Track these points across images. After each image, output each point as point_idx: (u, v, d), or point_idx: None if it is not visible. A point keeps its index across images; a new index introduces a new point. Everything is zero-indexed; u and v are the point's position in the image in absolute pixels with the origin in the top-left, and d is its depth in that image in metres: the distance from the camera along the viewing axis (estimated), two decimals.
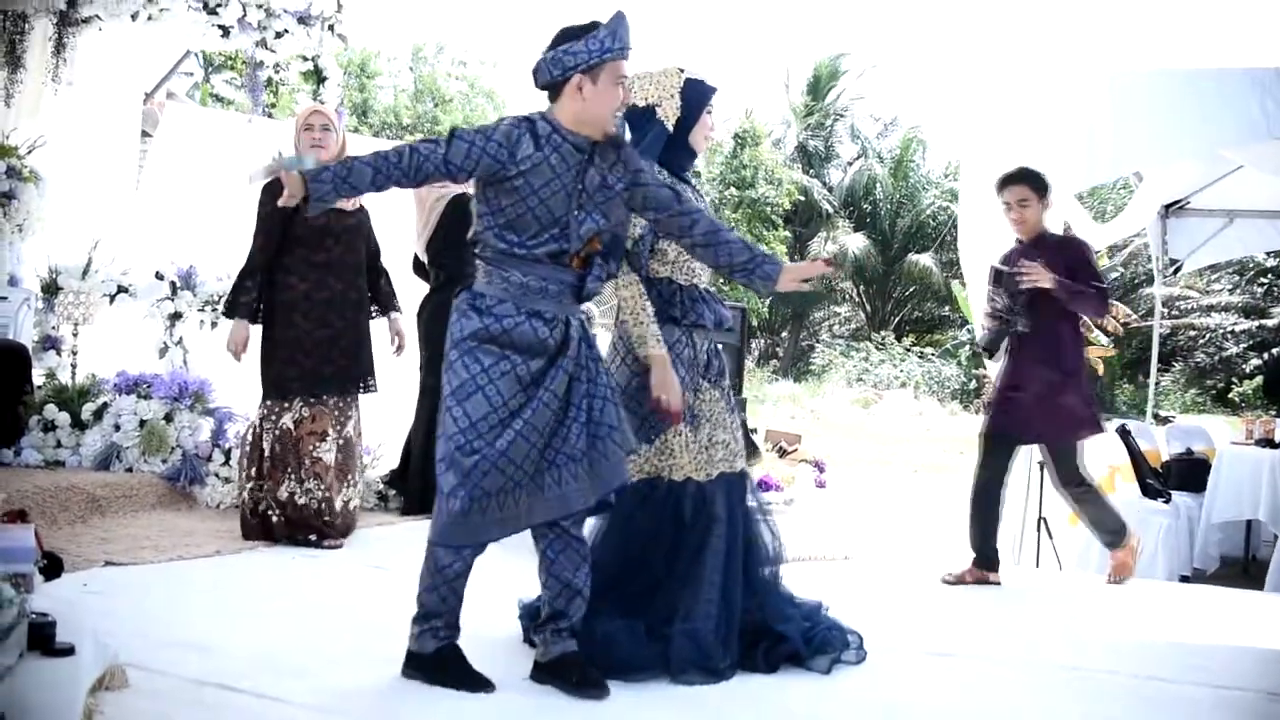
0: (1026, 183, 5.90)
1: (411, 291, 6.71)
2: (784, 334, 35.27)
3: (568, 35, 3.65)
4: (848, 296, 35.20)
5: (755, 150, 32.12)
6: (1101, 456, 7.94)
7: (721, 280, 4.31)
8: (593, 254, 3.75)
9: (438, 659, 3.72)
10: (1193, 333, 27.62)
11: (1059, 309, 5.81)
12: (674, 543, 4.09)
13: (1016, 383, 5.97)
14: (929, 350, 30.42)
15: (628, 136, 4.27)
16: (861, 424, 22.55)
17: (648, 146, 4.16)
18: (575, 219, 3.66)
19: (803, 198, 32.86)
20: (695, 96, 4.24)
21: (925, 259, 31.67)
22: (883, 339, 30.97)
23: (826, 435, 18.81)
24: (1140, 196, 9.28)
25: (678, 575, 4.06)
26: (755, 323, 31.45)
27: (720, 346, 4.50)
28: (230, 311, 5.89)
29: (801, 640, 4.13)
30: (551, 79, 3.66)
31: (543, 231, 3.65)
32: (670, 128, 4.19)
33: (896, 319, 33.91)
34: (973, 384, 27.69)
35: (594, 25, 3.65)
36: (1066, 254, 5.89)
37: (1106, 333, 28.18)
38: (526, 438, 3.62)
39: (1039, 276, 5.72)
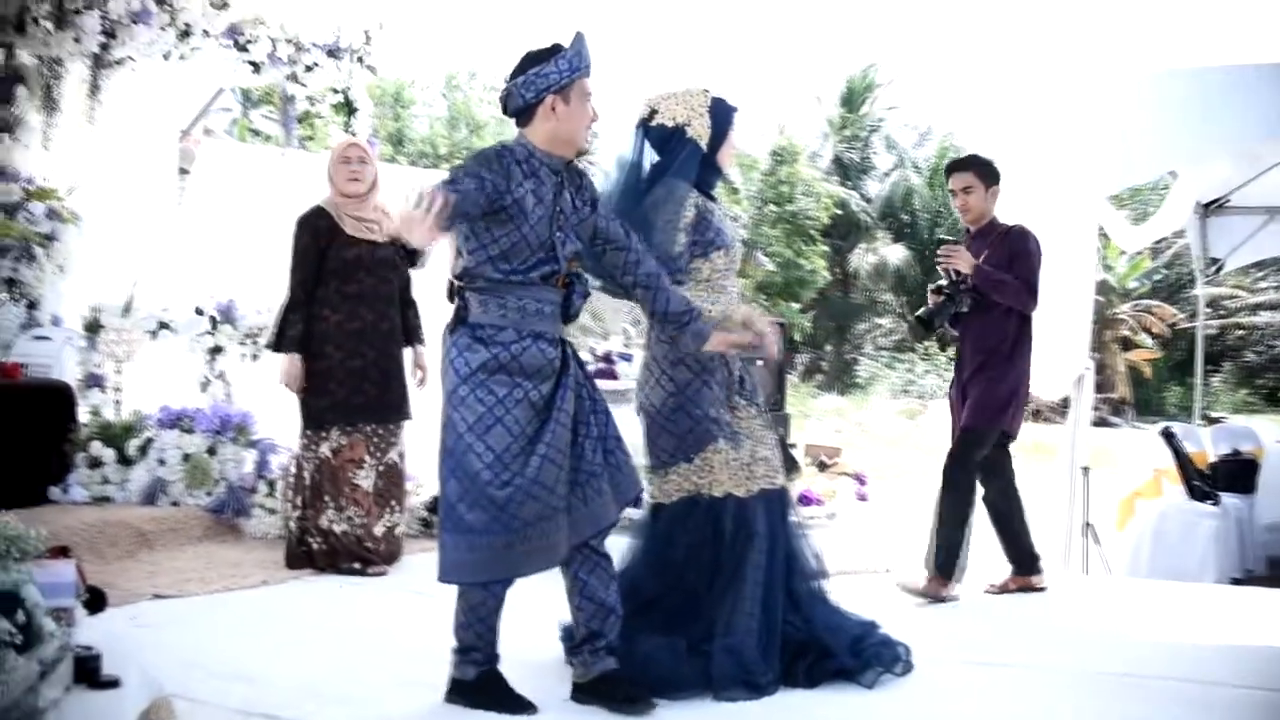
0: (972, 170, 5.82)
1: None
2: (828, 347, 35.17)
3: (534, 59, 3.70)
4: (890, 308, 35.06)
5: (793, 167, 32.10)
6: (1146, 460, 7.88)
7: (764, 297, 4.35)
8: (572, 274, 3.80)
9: (479, 684, 3.74)
10: (1241, 332, 27.35)
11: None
12: (714, 559, 4.09)
13: (958, 370, 5.93)
14: None
15: (654, 157, 4.30)
16: (908, 435, 22.40)
17: (682, 166, 4.20)
18: (559, 240, 3.71)
19: (840, 211, 32.79)
20: (722, 116, 4.29)
21: None
22: (926, 349, 30.80)
23: (872, 448, 18.71)
24: (1175, 196, 9.21)
25: (718, 591, 4.06)
26: (799, 337, 31.38)
27: (759, 362, 4.52)
28: (278, 346, 5.90)
29: (849, 654, 4.11)
30: (525, 102, 3.70)
31: (532, 255, 3.69)
32: (704, 146, 4.22)
33: (940, 329, 33.69)
34: None
35: (557, 48, 3.70)
36: (1009, 244, 5.74)
37: (1153, 335, 27.95)
38: (553, 461, 3.65)
39: (958, 260, 5.64)
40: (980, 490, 5.87)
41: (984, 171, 5.81)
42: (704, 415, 4.14)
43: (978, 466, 5.75)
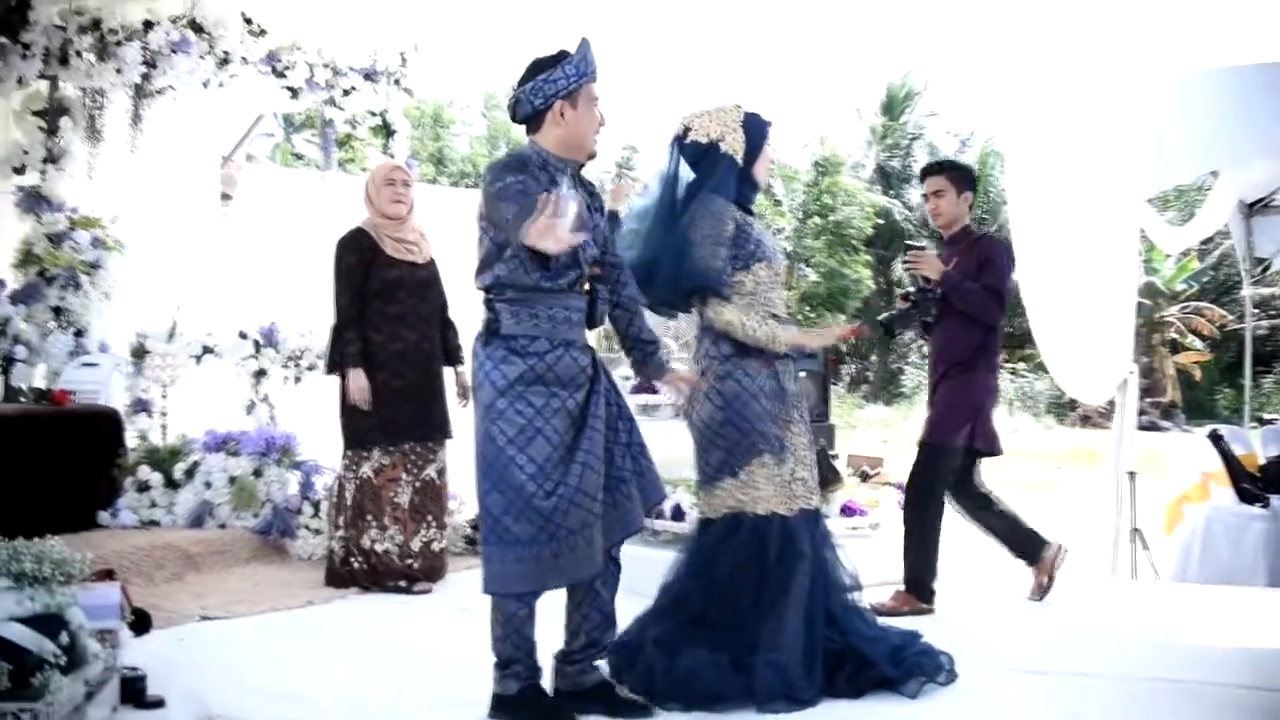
0: (944, 174, 5.74)
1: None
2: (873, 357, 35.00)
3: (540, 66, 3.74)
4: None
5: (835, 177, 32.04)
6: (1194, 463, 7.79)
7: (808, 308, 4.40)
8: (594, 279, 3.84)
9: (521, 699, 3.76)
10: None
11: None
12: (759, 577, 4.10)
13: (929, 380, 5.85)
14: (1020, 366, 29.97)
15: (690, 174, 4.33)
16: None
17: (721, 182, 4.25)
18: (581, 246, 3.70)
19: (882, 220, 32.67)
20: (756, 130, 4.32)
21: (1012, 275, 31.18)
22: None
23: None
24: (1216, 196, 9.11)
25: (764, 607, 4.05)
26: (844, 349, 31.26)
27: (803, 374, 4.53)
28: (340, 364, 5.90)
29: (890, 663, 4.09)
30: (533, 109, 3.74)
31: (559, 261, 3.70)
32: (739, 161, 4.24)
33: None
34: (1066, 397, 27.27)
35: (563, 54, 3.74)
36: (978, 252, 5.62)
37: (1202, 337, 27.57)
38: (593, 468, 3.70)
39: (925, 266, 5.54)
40: (958, 507, 5.79)
41: (956, 176, 5.72)
42: (751, 428, 4.16)
43: (946, 483, 5.63)
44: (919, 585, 5.49)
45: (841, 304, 31.15)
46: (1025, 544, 5.79)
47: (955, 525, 5.83)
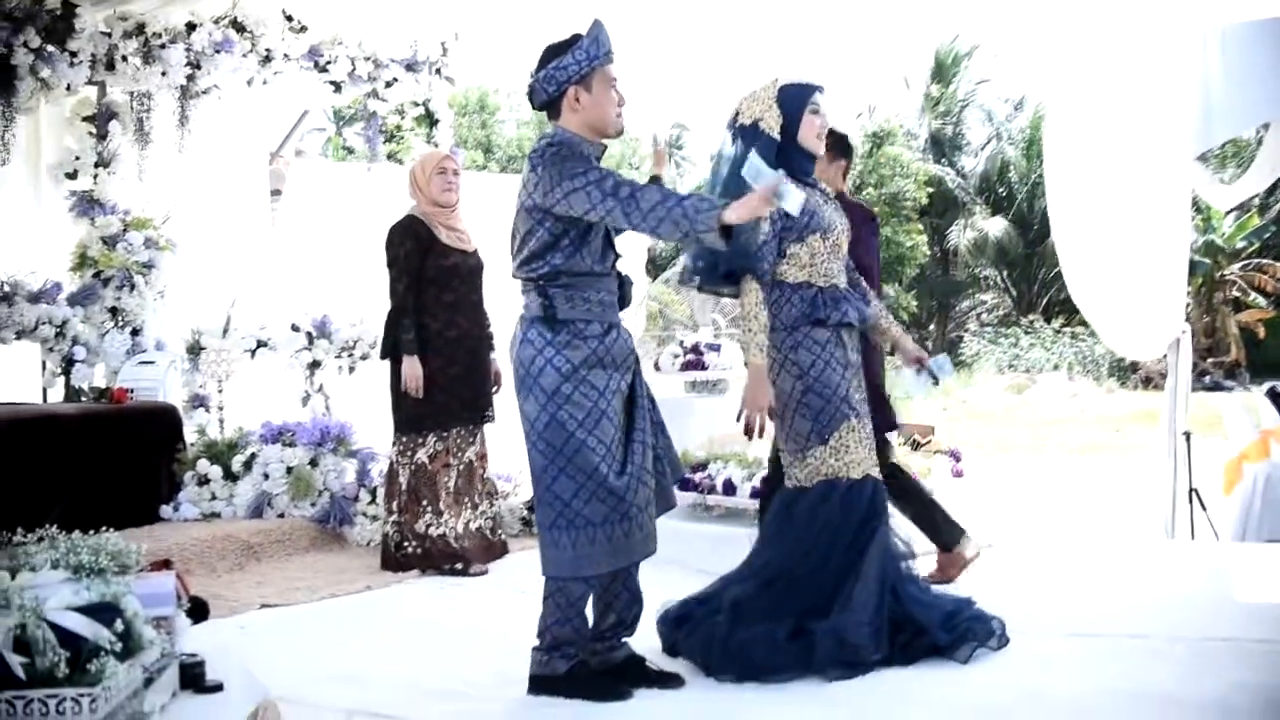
0: None
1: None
2: (931, 326, 34.79)
3: (553, 52, 3.76)
4: (992, 283, 34.57)
5: (888, 148, 31.85)
6: (1252, 421, 7.71)
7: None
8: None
9: (570, 677, 3.81)
10: None
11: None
12: (850, 540, 4.13)
13: None
14: (1080, 329, 29.67)
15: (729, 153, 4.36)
16: (1015, 410, 22.13)
17: (765, 159, 4.23)
18: (612, 228, 3.75)
19: (935, 188, 32.43)
20: (792, 100, 4.31)
21: (1055, 238, 30.82)
22: (1031, 323, 30.32)
23: (978, 425, 18.53)
24: (1268, 150, 8.97)
25: (838, 570, 4.09)
26: (906, 319, 31.12)
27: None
28: (395, 351, 5.96)
29: (943, 629, 4.11)
30: (548, 96, 3.77)
31: (602, 243, 3.75)
32: (776, 137, 4.26)
33: (1044, 301, 33.17)
34: (1127, 360, 26.96)
35: (576, 38, 3.75)
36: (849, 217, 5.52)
37: (1265, 294, 27.08)
38: (649, 446, 3.80)
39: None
40: None
41: (833, 145, 5.36)
42: (833, 394, 4.19)
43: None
44: (943, 541, 5.39)
45: (898, 273, 31.00)
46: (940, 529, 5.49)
47: (1006, 489, 5.81)
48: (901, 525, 4.43)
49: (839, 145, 5.50)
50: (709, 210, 3.51)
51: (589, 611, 3.92)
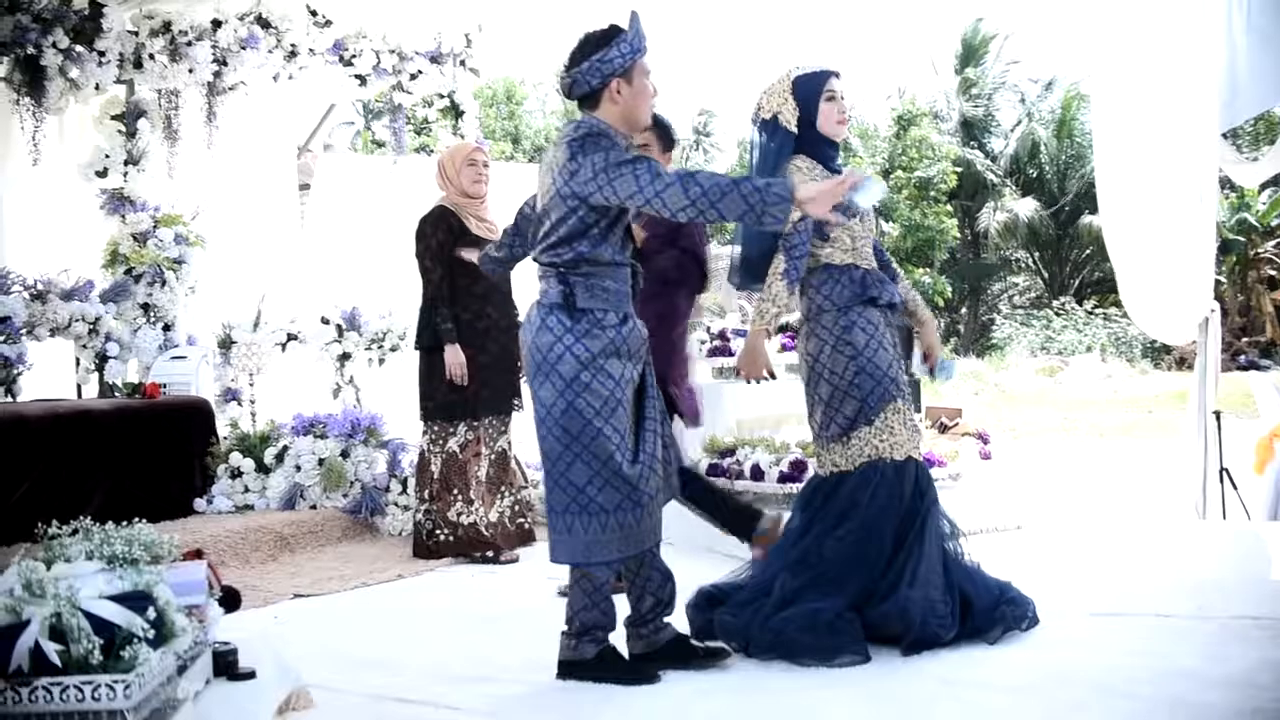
0: (647, 131, 5.45)
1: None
2: (962, 310, 34.64)
3: (595, 44, 3.76)
4: (1023, 265, 34.39)
5: (915, 130, 31.72)
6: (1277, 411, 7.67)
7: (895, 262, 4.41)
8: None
9: (599, 661, 3.84)
10: None
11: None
12: (899, 523, 4.14)
13: None
14: (1113, 311, 29.50)
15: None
16: (1047, 393, 22.05)
17: (781, 151, 4.31)
18: (662, 211, 3.75)
19: (962, 169, 32.27)
20: (806, 89, 4.34)
21: (1098, 219, 30.61)
22: (1063, 304, 30.16)
23: (1011, 408, 18.48)
24: None
25: (902, 550, 4.10)
26: (942, 303, 31.02)
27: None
28: (432, 340, 6.01)
29: (984, 612, 4.13)
30: (590, 88, 3.77)
31: (623, 234, 3.80)
32: (794, 130, 4.31)
33: (1076, 283, 32.98)
34: (1160, 341, 26.75)
35: (614, 30, 3.76)
36: None
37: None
38: (660, 435, 3.83)
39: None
40: None
41: (658, 134, 5.29)
42: (884, 375, 4.21)
43: None
44: (747, 530, 5.09)
45: (928, 255, 30.89)
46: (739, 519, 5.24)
47: (1052, 472, 5.80)
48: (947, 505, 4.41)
49: (666, 136, 5.36)
50: (781, 185, 3.54)
51: (625, 599, 3.96)
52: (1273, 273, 26.92)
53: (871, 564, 4.08)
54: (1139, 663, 3.79)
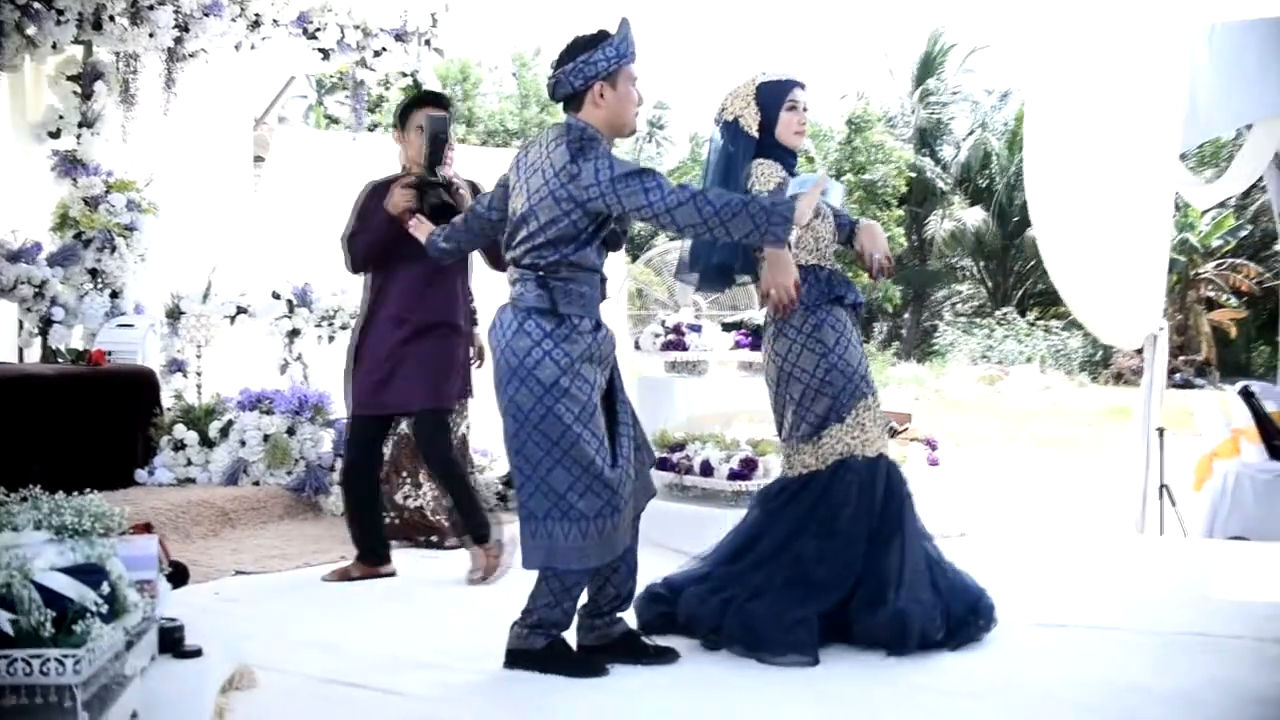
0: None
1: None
2: (905, 315, 34.92)
3: (582, 46, 3.75)
4: (968, 274, 34.72)
5: (868, 134, 31.91)
6: (1224, 419, 7.78)
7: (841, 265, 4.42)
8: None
9: (548, 652, 3.82)
10: None
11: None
12: (873, 520, 4.14)
13: None
14: (1054, 323, 29.88)
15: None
16: (987, 401, 22.28)
17: (740, 154, 4.34)
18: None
19: (915, 175, 32.51)
20: (770, 97, 4.37)
21: (1035, 227, 31.01)
22: (1005, 315, 30.49)
23: (951, 414, 18.63)
24: (1249, 150, 9.03)
25: (879, 553, 4.10)
26: (890, 309, 31.28)
27: None
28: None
29: (962, 617, 4.15)
30: (574, 90, 3.76)
31: (602, 240, 3.80)
32: (754, 134, 4.33)
33: (1019, 294, 33.35)
34: (1099, 355, 27.13)
35: (603, 35, 3.75)
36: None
37: (1239, 294, 27.27)
38: (632, 438, 3.84)
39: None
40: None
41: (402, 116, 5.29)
42: (854, 371, 4.23)
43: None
44: (477, 535, 5.26)
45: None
46: (473, 521, 5.35)
47: (999, 480, 5.85)
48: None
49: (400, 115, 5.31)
50: (786, 206, 3.59)
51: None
52: (1211, 294, 27.36)
53: (850, 562, 4.08)
54: (1086, 675, 3.83)
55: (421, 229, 4.48)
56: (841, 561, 4.08)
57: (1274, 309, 24.53)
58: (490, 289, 6.37)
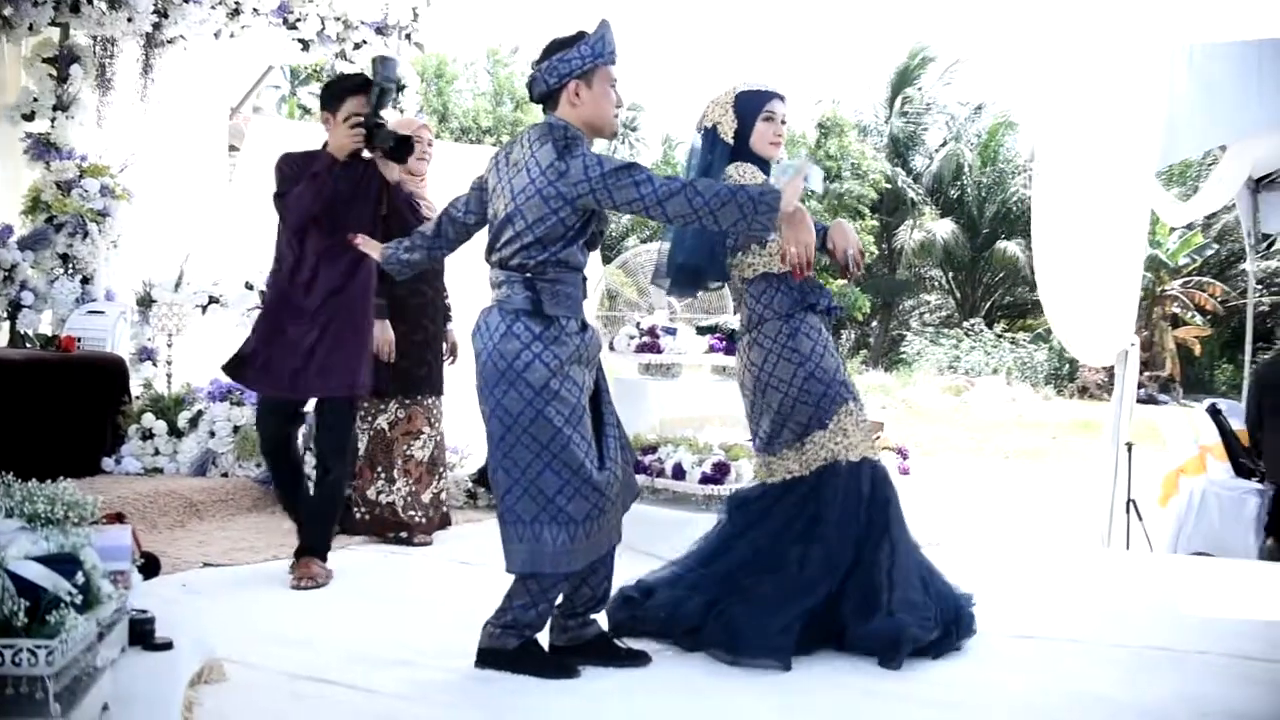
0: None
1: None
2: (874, 324, 35.04)
3: (558, 45, 3.76)
4: (937, 284, 34.89)
5: (841, 140, 32.00)
6: (1192, 436, 7.84)
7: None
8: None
9: (521, 652, 3.80)
10: None
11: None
12: (860, 525, 4.15)
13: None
14: (1020, 336, 30.07)
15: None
16: (954, 412, 22.37)
17: (716, 162, 4.36)
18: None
19: (888, 185, 32.65)
20: (747, 107, 4.41)
21: (1013, 245, 31.33)
22: (973, 326, 30.65)
23: (918, 424, 18.70)
24: (1223, 171, 9.13)
25: (870, 557, 4.12)
26: (860, 317, 31.39)
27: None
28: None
29: (947, 625, 4.18)
30: (548, 88, 3.76)
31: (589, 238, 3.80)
32: (730, 142, 4.36)
33: (987, 305, 33.55)
34: (1065, 368, 27.31)
35: (581, 35, 3.76)
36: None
37: (1204, 312, 27.52)
38: (617, 439, 3.84)
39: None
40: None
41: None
42: (832, 378, 4.24)
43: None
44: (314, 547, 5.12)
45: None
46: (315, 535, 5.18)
47: (966, 491, 5.87)
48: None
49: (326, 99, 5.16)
50: (772, 194, 3.60)
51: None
52: (1177, 310, 27.59)
53: (836, 563, 4.09)
54: (1056, 686, 3.85)
55: (370, 245, 4.38)
56: (827, 563, 4.09)
57: (1237, 328, 24.78)
58: (465, 287, 6.38)
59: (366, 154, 4.95)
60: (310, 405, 5.29)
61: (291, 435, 5.26)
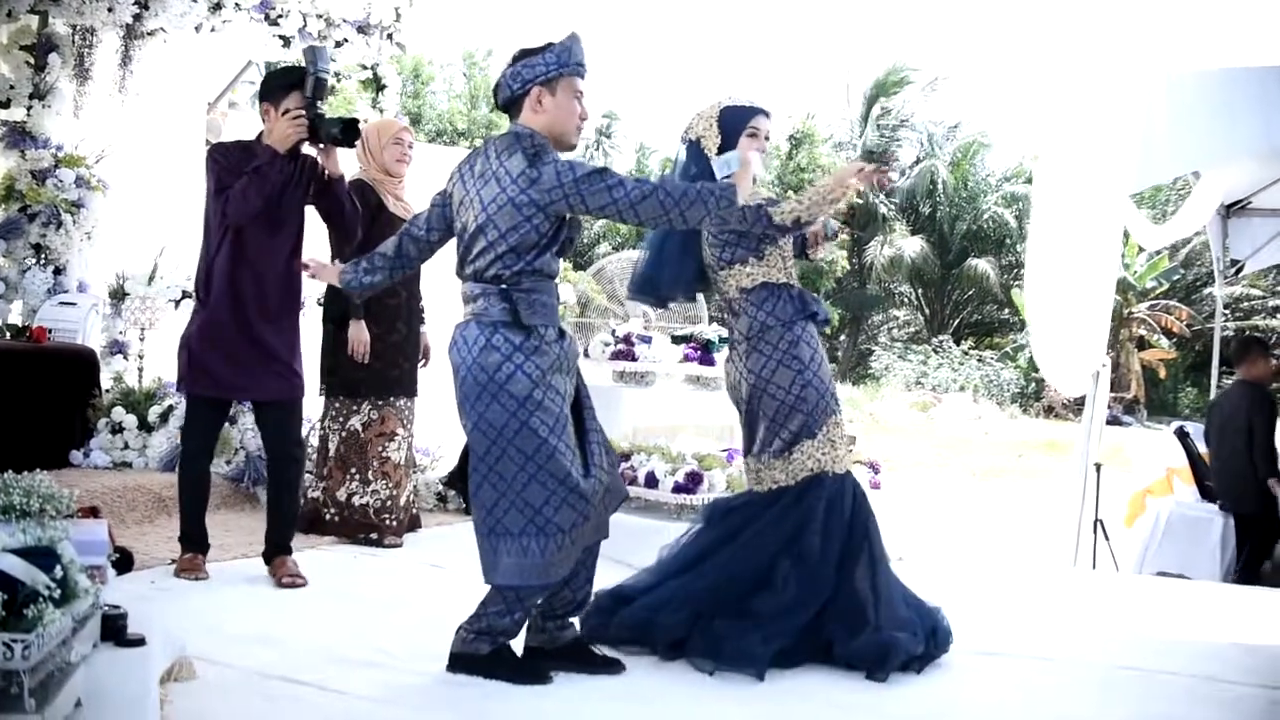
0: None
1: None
2: (842, 337, 35.15)
3: (525, 53, 3.77)
4: (906, 300, 35.05)
5: (812, 151, 32.09)
6: (1159, 459, 7.90)
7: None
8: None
9: (493, 657, 3.79)
10: (1259, 334, 27.27)
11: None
12: (843, 537, 4.18)
13: None
14: (988, 354, 30.25)
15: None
16: (920, 427, 22.46)
17: (701, 174, 4.34)
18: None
19: (860, 200, 32.75)
20: (731, 121, 4.43)
21: (984, 263, 31.51)
22: (941, 342, 30.80)
23: (885, 439, 18.77)
24: (1197, 196, 9.22)
25: (850, 569, 4.15)
26: (829, 331, 31.41)
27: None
28: (340, 313, 5.85)
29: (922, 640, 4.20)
30: (512, 94, 3.77)
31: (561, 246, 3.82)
32: (713, 156, 4.37)
33: (955, 322, 33.73)
34: (1031, 387, 27.49)
35: (549, 45, 3.77)
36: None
37: (1170, 335, 27.70)
38: (600, 444, 3.85)
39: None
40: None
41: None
42: (826, 388, 4.29)
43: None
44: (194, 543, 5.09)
45: (814, 283, 31.28)
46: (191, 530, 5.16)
47: (934, 506, 5.90)
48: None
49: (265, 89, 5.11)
50: (728, 189, 3.71)
51: None
52: (1143, 332, 27.82)
53: (822, 581, 4.11)
54: (1026, 705, 3.89)
55: (327, 271, 4.33)
56: (812, 580, 4.10)
57: (1202, 351, 25.00)
58: (439, 289, 6.36)
59: (307, 147, 4.90)
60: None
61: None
